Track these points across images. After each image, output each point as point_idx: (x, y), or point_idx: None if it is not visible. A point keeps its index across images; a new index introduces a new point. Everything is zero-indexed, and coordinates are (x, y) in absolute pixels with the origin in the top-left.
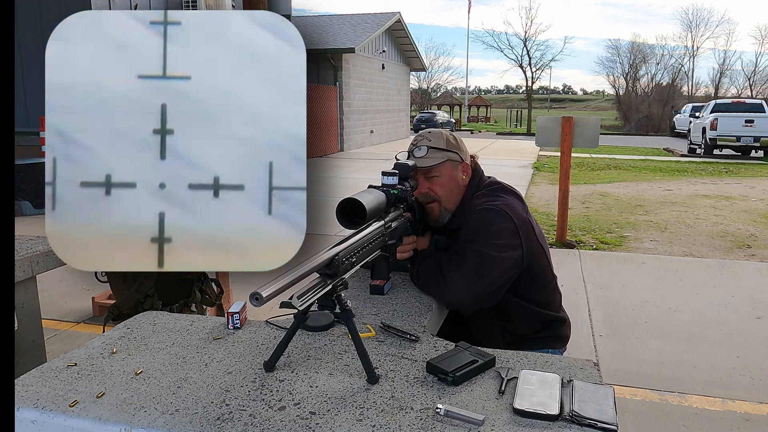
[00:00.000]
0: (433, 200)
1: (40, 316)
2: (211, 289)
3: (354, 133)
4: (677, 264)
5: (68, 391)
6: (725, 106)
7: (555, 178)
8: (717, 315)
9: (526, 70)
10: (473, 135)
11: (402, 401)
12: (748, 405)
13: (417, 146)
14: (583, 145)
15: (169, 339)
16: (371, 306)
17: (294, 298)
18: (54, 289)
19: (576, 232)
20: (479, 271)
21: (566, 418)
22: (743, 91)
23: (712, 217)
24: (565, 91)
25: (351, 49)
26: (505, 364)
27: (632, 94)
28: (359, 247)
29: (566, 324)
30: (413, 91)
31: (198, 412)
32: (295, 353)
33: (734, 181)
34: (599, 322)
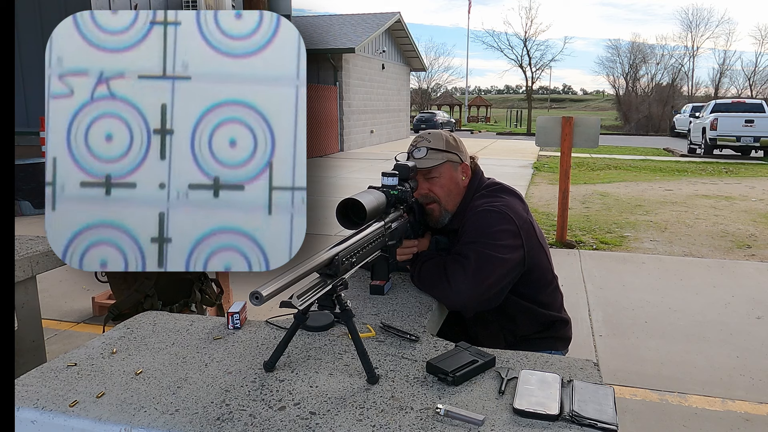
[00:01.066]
0: (433, 201)
1: (40, 316)
2: (211, 289)
3: (354, 133)
4: (677, 264)
5: (68, 391)
6: (725, 106)
7: (555, 178)
8: (717, 315)
9: (526, 70)
10: (473, 135)
11: (402, 401)
12: (748, 405)
13: (417, 147)
14: (583, 145)
15: (169, 339)
16: (371, 306)
17: (294, 298)
18: (54, 289)
19: (576, 232)
20: (481, 272)
21: (566, 418)
22: (743, 91)
23: (712, 217)
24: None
25: (351, 49)
26: (505, 364)
27: (632, 94)
28: (359, 247)
29: (568, 325)
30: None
31: (198, 412)
32: (295, 353)
33: (734, 181)
34: (599, 322)
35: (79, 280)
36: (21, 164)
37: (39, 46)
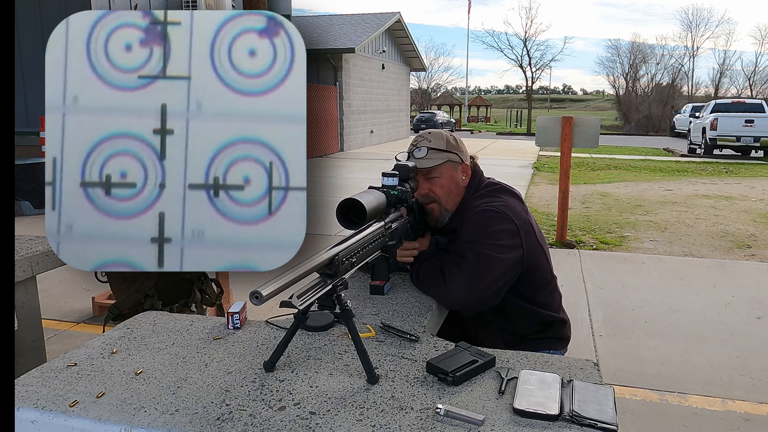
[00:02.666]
0: (433, 201)
1: (40, 316)
2: (211, 289)
3: (354, 133)
4: (677, 264)
5: (68, 391)
6: (725, 106)
7: (555, 178)
8: (717, 315)
9: (526, 70)
10: (473, 135)
11: (402, 401)
12: (748, 405)
13: (417, 147)
14: (583, 145)
15: (169, 339)
16: (371, 306)
17: (294, 298)
18: (54, 289)
19: (576, 232)
20: (480, 272)
21: (566, 418)
22: (743, 91)
23: (712, 217)
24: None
25: (351, 49)
26: (505, 364)
27: (632, 94)
28: (359, 247)
29: (567, 325)
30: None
31: (198, 412)
32: (295, 353)
33: (734, 181)
34: (599, 322)
35: (79, 280)
36: (21, 164)
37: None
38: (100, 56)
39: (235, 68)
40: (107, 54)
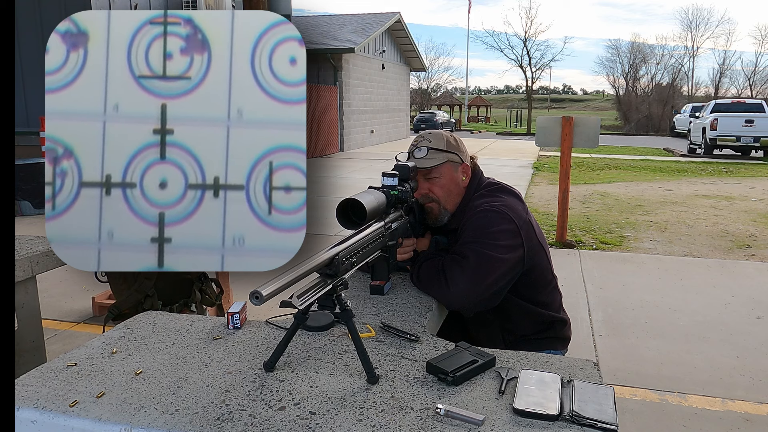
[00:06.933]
0: (433, 201)
1: (40, 316)
2: (211, 289)
3: (354, 133)
4: (677, 264)
5: (68, 391)
6: (725, 106)
7: (555, 178)
8: (717, 315)
9: (526, 70)
10: (473, 135)
11: (402, 401)
12: (748, 405)
13: (417, 147)
14: (583, 145)
15: (169, 339)
16: (371, 306)
17: (294, 298)
18: (54, 289)
19: (576, 232)
20: (481, 272)
21: (566, 418)
22: (743, 91)
23: (712, 217)
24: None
25: (351, 49)
26: (505, 364)
27: (632, 94)
28: (359, 247)
29: (567, 325)
30: (413, 91)
31: (198, 412)
32: (295, 353)
33: (734, 181)
34: (599, 322)
35: (79, 280)
36: (21, 164)
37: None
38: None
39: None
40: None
